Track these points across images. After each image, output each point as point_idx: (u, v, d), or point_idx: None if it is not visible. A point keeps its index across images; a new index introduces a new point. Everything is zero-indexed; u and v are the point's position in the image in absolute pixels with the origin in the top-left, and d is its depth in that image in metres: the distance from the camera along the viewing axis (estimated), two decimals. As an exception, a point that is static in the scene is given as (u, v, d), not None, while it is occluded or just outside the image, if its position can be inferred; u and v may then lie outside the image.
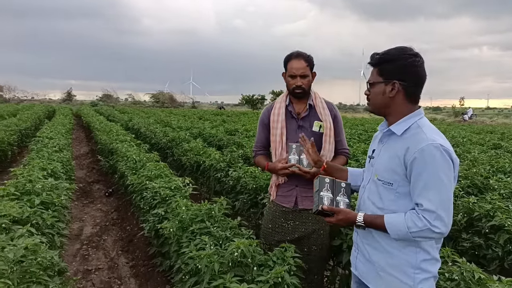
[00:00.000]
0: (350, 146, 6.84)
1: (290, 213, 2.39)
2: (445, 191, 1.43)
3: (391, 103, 1.59)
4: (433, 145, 1.43)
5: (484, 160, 5.37)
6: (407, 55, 1.53)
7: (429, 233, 1.43)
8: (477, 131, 13.54)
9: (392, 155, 1.57)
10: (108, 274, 3.59)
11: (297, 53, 2.34)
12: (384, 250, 1.59)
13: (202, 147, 6.24)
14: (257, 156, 2.57)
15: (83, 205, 5.79)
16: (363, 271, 1.70)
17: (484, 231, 2.82)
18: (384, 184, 1.58)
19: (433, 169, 1.43)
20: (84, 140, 13.40)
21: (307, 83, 2.34)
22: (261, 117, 2.55)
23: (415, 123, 1.55)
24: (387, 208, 1.58)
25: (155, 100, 56.61)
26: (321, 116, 2.39)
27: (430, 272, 1.55)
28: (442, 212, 1.41)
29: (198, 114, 23.35)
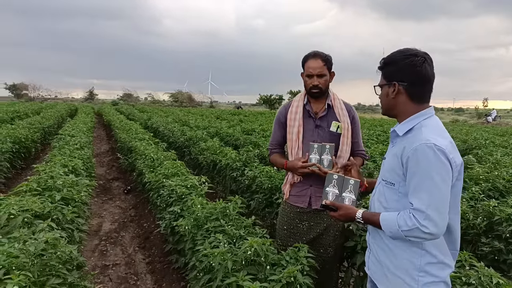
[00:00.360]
0: (368, 147, 6.77)
1: (305, 214, 2.39)
2: (437, 191, 1.41)
3: (395, 104, 1.61)
4: (426, 145, 1.43)
5: (507, 162, 5.21)
6: (405, 56, 1.54)
7: (419, 232, 1.41)
8: (501, 133, 13.14)
9: (393, 155, 1.58)
10: (125, 269, 3.67)
11: (315, 53, 2.34)
12: (390, 250, 1.60)
13: (219, 146, 6.29)
14: (272, 154, 2.57)
15: (103, 202, 5.92)
16: (374, 271, 1.70)
17: (505, 235, 2.75)
18: (387, 184, 1.60)
19: (425, 169, 1.42)
20: (105, 138, 13.69)
21: (324, 82, 2.33)
22: (277, 115, 2.54)
23: (419, 124, 1.54)
24: (391, 207, 1.58)
25: (174, 99, 57.34)
26: (339, 117, 2.38)
27: (438, 277, 1.52)
28: (432, 212, 1.40)
29: (215, 114, 23.51)
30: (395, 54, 1.59)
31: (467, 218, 3.02)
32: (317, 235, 2.40)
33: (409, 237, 1.46)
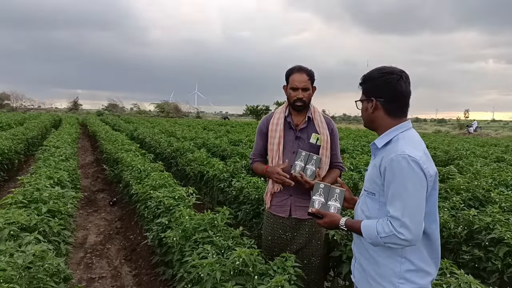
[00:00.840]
0: (353, 157, 6.89)
1: (287, 225, 2.45)
2: (411, 200, 1.49)
3: (374, 119, 1.70)
4: (401, 156, 1.51)
5: (487, 173, 5.37)
6: (382, 74, 1.64)
7: (395, 239, 1.49)
8: (481, 143, 13.51)
9: (373, 166, 1.67)
10: (111, 282, 3.63)
11: (299, 67, 2.44)
12: (372, 259, 1.66)
13: (206, 157, 6.31)
14: (254, 163, 2.63)
15: (88, 214, 5.85)
16: (359, 279, 1.76)
17: (484, 243, 2.84)
18: (369, 194, 1.68)
19: (400, 179, 1.50)
20: (90, 149, 13.52)
21: (308, 96, 2.42)
22: (259, 125, 2.61)
23: (396, 136, 1.63)
24: (373, 216, 1.65)
25: (160, 109, 57.07)
26: (319, 129, 2.46)
27: (417, 284, 1.58)
28: (407, 220, 1.47)
29: (202, 124, 23.49)
30: (373, 71, 1.69)
31: (448, 227, 3.11)
32: (301, 246, 2.46)
33: (387, 244, 1.53)
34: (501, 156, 8.22)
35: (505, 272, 2.63)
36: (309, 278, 2.40)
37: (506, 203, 3.65)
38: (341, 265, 2.64)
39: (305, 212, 2.43)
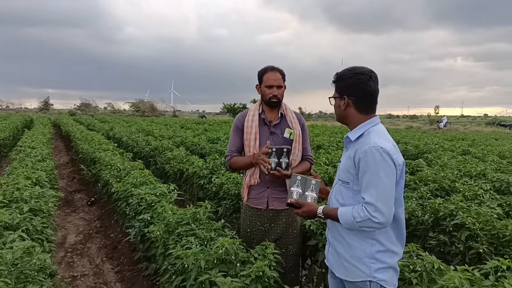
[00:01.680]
0: (329, 153, 7.11)
1: (265, 216, 2.59)
2: (384, 187, 1.66)
3: (346, 115, 1.86)
4: (374, 147, 1.68)
5: (453, 165, 5.70)
6: (353, 74, 1.80)
7: (370, 223, 1.65)
8: (450, 138, 14.11)
9: (347, 157, 1.82)
10: (94, 279, 3.67)
11: (272, 67, 2.60)
12: (346, 243, 1.82)
13: (185, 155, 6.37)
14: (233, 158, 2.71)
15: (65, 214, 5.80)
16: (333, 262, 1.91)
17: (448, 229, 3.07)
18: (343, 183, 1.83)
19: (373, 168, 1.67)
20: (64, 150, 13.24)
21: (282, 93, 2.59)
22: (235, 123, 2.73)
23: (367, 130, 1.80)
24: (347, 203, 1.81)
25: (135, 109, 56.10)
26: (291, 125, 2.62)
27: (386, 263, 1.76)
28: (380, 205, 1.64)
29: (179, 123, 23.34)
30: (345, 72, 1.84)
31: (416, 215, 3.34)
32: (278, 236, 2.60)
33: (362, 227, 1.69)
34: (467, 149, 8.67)
35: (466, 254, 2.86)
36: (287, 266, 2.55)
37: (469, 192, 3.93)
38: (317, 253, 2.79)
39: (281, 203, 2.58)
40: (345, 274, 1.83)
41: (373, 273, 1.75)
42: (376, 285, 1.75)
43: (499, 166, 6.11)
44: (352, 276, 1.80)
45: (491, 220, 2.92)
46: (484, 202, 3.63)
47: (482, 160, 7.03)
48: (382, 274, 1.75)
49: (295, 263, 2.68)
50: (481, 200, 3.74)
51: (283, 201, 2.59)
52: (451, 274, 1.86)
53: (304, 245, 2.91)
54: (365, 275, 1.75)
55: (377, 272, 1.75)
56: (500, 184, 4.71)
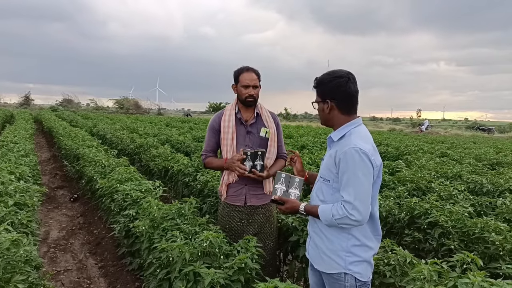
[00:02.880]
0: (312, 153, 7.25)
1: (243, 212, 2.67)
2: (361, 187, 1.76)
3: (330, 117, 1.94)
4: (354, 149, 1.77)
5: (431, 166, 5.91)
6: (332, 78, 1.89)
7: (347, 220, 1.76)
8: (430, 141, 14.49)
9: (329, 156, 1.92)
10: (77, 274, 3.69)
11: (248, 67, 2.68)
12: (325, 236, 1.92)
13: (170, 153, 6.40)
14: (208, 158, 2.78)
15: (48, 210, 5.77)
16: (313, 255, 2.02)
17: (423, 227, 3.22)
18: (324, 181, 1.93)
19: (352, 168, 1.77)
20: (46, 146, 13.03)
21: (257, 93, 2.67)
22: (211, 123, 2.78)
23: (349, 132, 1.89)
24: (327, 200, 1.91)
25: (119, 106, 55.32)
26: (267, 124, 2.71)
27: (361, 257, 1.86)
28: (357, 204, 1.74)
29: (165, 121, 23.22)
30: (324, 76, 1.92)
31: (393, 214, 3.48)
32: (256, 231, 2.69)
33: (340, 224, 1.79)
34: (445, 152, 8.95)
35: (439, 250, 3.01)
36: (265, 260, 2.65)
37: (444, 192, 4.11)
38: (298, 249, 2.90)
39: (259, 200, 2.68)
40: (323, 266, 1.94)
41: (348, 265, 1.85)
42: (350, 277, 1.85)
43: (474, 168, 6.36)
44: (328, 268, 1.90)
45: (462, 218, 3.08)
46: (458, 202, 3.80)
47: (459, 162, 7.29)
48: (356, 267, 1.85)
49: (273, 256, 2.79)
50: (455, 200, 3.92)
51: (260, 197, 2.69)
52: (421, 267, 1.99)
53: (285, 241, 3.01)
54: (341, 267, 1.86)
55: (351, 265, 1.85)
56: (474, 185, 4.92)
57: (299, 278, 3.10)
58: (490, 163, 7.74)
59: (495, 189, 4.75)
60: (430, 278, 1.92)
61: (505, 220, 3.40)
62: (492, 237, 2.72)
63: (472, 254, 2.01)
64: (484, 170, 6.32)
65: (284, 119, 53.51)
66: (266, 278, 1.79)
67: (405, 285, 2.01)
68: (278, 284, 1.70)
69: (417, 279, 1.96)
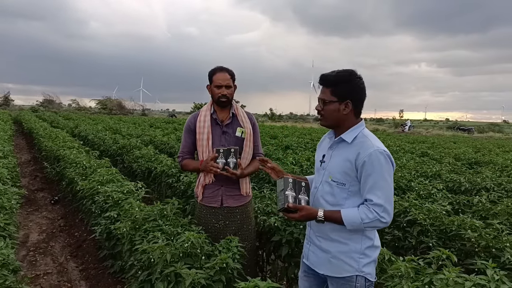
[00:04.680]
0: (296, 153, 7.30)
1: (220, 214, 2.67)
2: (389, 188, 1.75)
3: (344, 119, 1.84)
4: (379, 151, 1.74)
5: (411, 166, 6.03)
6: (357, 78, 1.82)
7: (378, 223, 1.73)
8: (412, 141, 14.77)
9: (344, 159, 1.82)
10: (58, 278, 3.63)
11: (221, 67, 2.68)
12: (335, 240, 1.87)
13: (154, 154, 6.35)
14: (184, 160, 2.77)
15: (28, 213, 5.65)
16: (315, 260, 1.95)
17: (402, 225, 3.29)
18: (338, 184, 1.83)
19: (379, 171, 1.72)
20: (25, 148, 12.74)
21: (231, 93, 2.66)
22: (187, 124, 2.76)
23: (361, 133, 1.85)
24: (339, 204, 1.83)
25: (102, 106, 54.43)
26: (243, 124, 2.71)
27: (371, 257, 1.86)
28: (388, 206, 1.73)
29: (149, 122, 22.99)
30: (347, 75, 1.81)
31: (374, 212, 3.54)
32: (233, 233, 2.66)
33: (368, 228, 1.75)
34: (426, 152, 9.15)
35: (418, 248, 3.09)
36: (244, 262, 2.64)
37: (423, 191, 4.20)
38: (281, 248, 2.93)
39: (236, 201, 2.67)
40: (332, 271, 1.87)
41: (361, 267, 1.82)
42: (361, 278, 1.83)
43: (453, 168, 6.52)
44: (339, 271, 1.85)
45: (440, 216, 3.17)
46: (437, 200, 3.90)
47: (439, 161, 7.46)
48: (368, 268, 1.84)
49: (251, 258, 2.78)
50: (434, 198, 4.02)
51: (237, 198, 2.69)
52: (398, 264, 2.03)
53: (268, 240, 3.03)
54: (354, 270, 1.82)
55: (365, 266, 1.83)
56: (453, 184, 5.06)
57: (281, 277, 3.12)
58: (469, 162, 7.96)
59: (472, 187, 4.88)
60: (407, 275, 1.97)
61: (481, 218, 3.51)
62: (468, 234, 2.81)
63: (447, 251, 2.06)
64: (463, 169, 6.49)
65: (269, 120, 53.62)
66: (248, 277, 1.80)
67: (384, 282, 2.05)
68: (259, 283, 1.71)
69: (395, 276, 2.01)
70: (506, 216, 3.38)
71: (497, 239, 2.70)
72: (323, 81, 1.85)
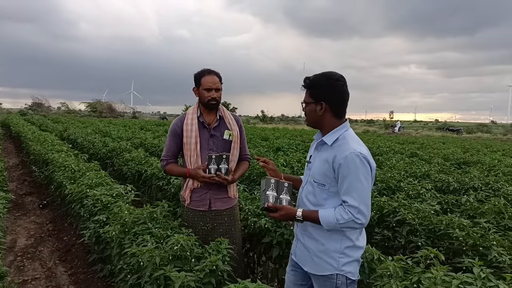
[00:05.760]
0: (287, 155, 7.31)
1: (207, 216, 2.66)
2: (364, 190, 1.78)
3: (322, 120, 1.91)
4: (354, 153, 1.78)
5: (400, 166, 6.09)
6: (329, 80, 1.87)
7: (353, 224, 1.77)
8: (401, 142, 14.91)
9: (323, 161, 1.88)
10: (46, 283, 3.58)
11: (209, 70, 2.65)
12: (316, 239, 1.92)
13: (144, 156, 6.31)
14: (168, 165, 2.74)
15: (15, 218, 5.56)
16: (301, 257, 2.01)
17: (392, 225, 3.31)
18: (319, 185, 1.90)
19: (354, 173, 1.76)
20: (14, 152, 12.56)
21: (220, 96, 2.65)
22: (172, 127, 2.72)
23: (342, 135, 1.89)
24: (320, 204, 1.90)
25: (91, 109, 53.95)
26: (230, 126, 2.71)
27: (352, 257, 1.89)
28: (363, 207, 1.76)
29: (139, 124, 22.84)
30: (320, 78, 1.89)
31: (364, 213, 3.56)
32: (222, 235, 2.65)
33: (343, 228, 1.79)
34: (415, 152, 9.24)
35: (407, 247, 3.11)
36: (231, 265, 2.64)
37: (412, 191, 4.24)
38: (272, 250, 2.93)
39: (224, 204, 2.68)
40: (314, 268, 1.93)
41: (341, 266, 1.87)
42: (342, 276, 1.87)
43: (442, 168, 6.60)
44: (320, 269, 1.90)
45: (429, 216, 3.20)
46: (426, 200, 3.94)
47: (428, 162, 7.54)
48: (348, 267, 1.88)
49: (238, 261, 2.78)
50: (423, 198, 4.06)
51: (225, 201, 2.69)
52: (387, 263, 2.05)
53: (258, 242, 3.03)
54: (334, 269, 1.87)
55: (345, 265, 1.87)
56: (441, 184, 5.11)
57: (272, 278, 3.12)
58: (457, 163, 8.06)
59: (461, 187, 4.95)
60: (396, 274, 1.98)
61: (469, 217, 3.55)
62: (456, 233, 2.84)
63: (435, 250, 2.08)
64: (452, 169, 6.57)
65: (260, 122, 53.64)
66: (238, 279, 1.80)
67: (373, 282, 2.06)
68: (248, 285, 1.71)
69: (384, 276, 2.02)
70: (493, 215, 3.42)
71: (484, 238, 2.74)
72: (304, 83, 1.95)
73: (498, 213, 3.44)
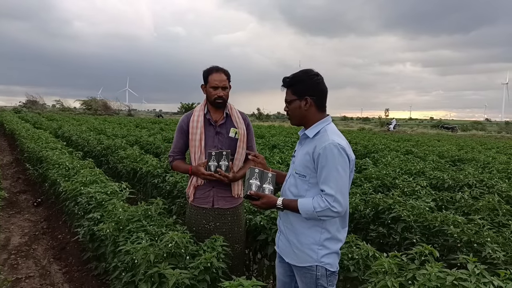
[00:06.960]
0: (283, 152, 7.31)
1: (210, 215, 2.64)
2: (341, 179, 1.82)
3: (307, 115, 1.97)
4: (333, 144, 1.83)
5: (396, 164, 6.10)
6: (311, 76, 1.95)
7: (329, 212, 1.81)
8: (397, 139, 14.96)
9: (305, 153, 1.95)
10: (40, 281, 3.55)
11: (217, 67, 2.62)
12: (297, 231, 1.97)
13: (139, 154, 6.28)
14: (175, 161, 2.74)
15: (9, 216, 5.52)
16: (283, 249, 2.06)
17: (387, 222, 3.32)
18: (300, 176, 1.96)
19: (332, 162, 1.82)
20: (7, 149, 12.47)
21: (227, 94, 2.63)
22: (180, 124, 2.73)
23: (323, 128, 1.95)
24: (301, 195, 1.95)
25: (86, 107, 53.59)
26: (237, 124, 2.68)
27: (331, 249, 1.93)
28: (339, 196, 1.80)
29: (134, 122, 22.75)
30: (300, 74, 1.96)
31: (359, 210, 3.57)
32: (224, 234, 2.62)
33: (320, 217, 1.83)
34: (410, 150, 9.28)
35: (402, 244, 3.12)
36: (233, 264, 2.62)
37: (407, 188, 4.25)
38: (267, 247, 2.93)
39: (227, 202, 2.66)
40: (294, 260, 1.98)
41: (320, 258, 1.91)
42: (321, 268, 1.92)
43: (437, 165, 6.62)
44: (301, 261, 1.95)
45: (423, 213, 3.21)
46: (421, 197, 3.95)
47: (423, 159, 7.57)
48: (327, 259, 1.92)
49: (240, 261, 2.76)
50: (418, 195, 4.07)
51: (229, 200, 2.66)
52: (382, 260, 2.05)
53: (254, 239, 3.02)
54: (313, 260, 1.91)
55: (324, 257, 1.91)
56: (436, 181, 5.13)
57: (267, 275, 3.12)
58: (452, 160, 8.10)
59: (455, 184, 4.97)
60: (390, 271, 1.98)
61: (464, 214, 3.57)
62: (450, 230, 2.85)
63: (430, 247, 2.09)
64: (446, 167, 6.60)
65: (256, 119, 53.66)
66: (232, 276, 1.80)
67: (368, 278, 2.07)
68: (243, 282, 1.71)
69: (378, 272, 2.02)
70: (487, 211, 3.44)
71: (478, 234, 2.75)
72: (284, 83, 2.00)
73: (492, 210, 3.46)
